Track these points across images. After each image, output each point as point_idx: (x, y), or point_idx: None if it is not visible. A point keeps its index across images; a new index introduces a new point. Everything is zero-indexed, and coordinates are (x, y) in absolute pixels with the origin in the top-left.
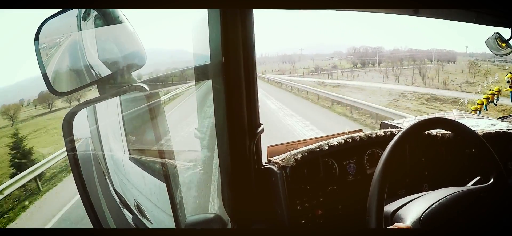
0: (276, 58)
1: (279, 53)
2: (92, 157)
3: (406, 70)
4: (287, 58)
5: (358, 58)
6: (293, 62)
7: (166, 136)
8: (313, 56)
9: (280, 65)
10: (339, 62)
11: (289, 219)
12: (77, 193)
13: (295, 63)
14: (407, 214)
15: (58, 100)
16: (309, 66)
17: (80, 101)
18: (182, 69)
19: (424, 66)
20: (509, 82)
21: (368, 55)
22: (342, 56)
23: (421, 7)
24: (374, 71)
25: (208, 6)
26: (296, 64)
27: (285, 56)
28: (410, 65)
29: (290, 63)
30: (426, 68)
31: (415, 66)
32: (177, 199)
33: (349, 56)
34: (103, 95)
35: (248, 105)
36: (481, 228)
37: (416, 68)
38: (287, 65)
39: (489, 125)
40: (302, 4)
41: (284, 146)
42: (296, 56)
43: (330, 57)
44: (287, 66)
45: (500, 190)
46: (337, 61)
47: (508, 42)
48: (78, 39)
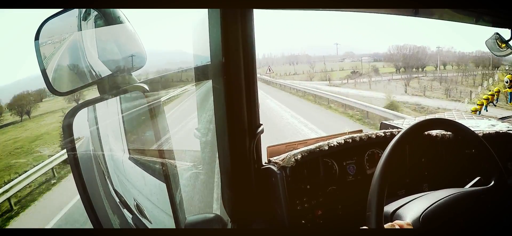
0: (282, 59)
1: (285, 54)
2: (92, 156)
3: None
4: (294, 58)
5: (402, 61)
6: (305, 63)
7: (166, 136)
8: (322, 57)
9: (295, 68)
10: (378, 65)
11: (289, 219)
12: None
13: (314, 65)
14: (407, 213)
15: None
16: (341, 68)
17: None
18: (182, 70)
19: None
20: (507, 83)
21: (414, 57)
22: (355, 57)
23: (421, 7)
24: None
25: (208, 6)
26: (316, 66)
27: (292, 57)
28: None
29: (306, 64)
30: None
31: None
32: (177, 199)
33: (384, 57)
34: (103, 95)
35: (248, 105)
36: (481, 228)
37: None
38: (303, 67)
39: (489, 125)
40: (302, 4)
41: (284, 146)
42: (304, 56)
43: (342, 59)
44: (303, 67)
45: (500, 190)
46: (377, 63)
47: (508, 43)
48: (79, 39)
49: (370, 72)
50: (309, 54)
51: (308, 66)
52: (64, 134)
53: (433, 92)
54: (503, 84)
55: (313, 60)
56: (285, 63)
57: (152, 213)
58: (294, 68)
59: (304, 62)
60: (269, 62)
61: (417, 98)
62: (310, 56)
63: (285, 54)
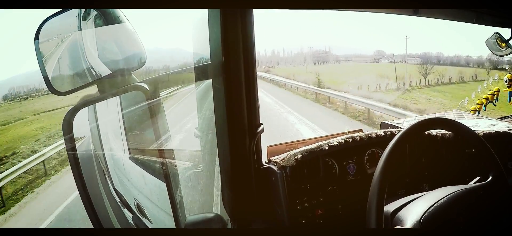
0: (297, 57)
1: (303, 50)
2: (93, 156)
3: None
4: (318, 56)
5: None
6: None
7: (166, 136)
8: (348, 56)
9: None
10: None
11: (289, 219)
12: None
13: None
14: (407, 216)
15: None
16: (381, 75)
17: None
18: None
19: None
20: (507, 82)
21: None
22: (388, 57)
23: (421, 7)
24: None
25: (208, 6)
26: (343, 66)
27: (316, 54)
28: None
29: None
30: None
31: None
32: (177, 198)
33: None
34: (103, 94)
35: (248, 105)
36: (481, 228)
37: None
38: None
39: (489, 125)
40: (302, 4)
41: (284, 146)
42: (327, 54)
43: (376, 59)
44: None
45: (500, 190)
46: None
47: (508, 42)
48: (78, 39)
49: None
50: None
51: (333, 67)
52: (64, 133)
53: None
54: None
55: (339, 60)
56: (300, 62)
57: (152, 213)
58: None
59: (331, 61)
60: (287, 61)
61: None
62: (338, 56)
63: (304, 51)
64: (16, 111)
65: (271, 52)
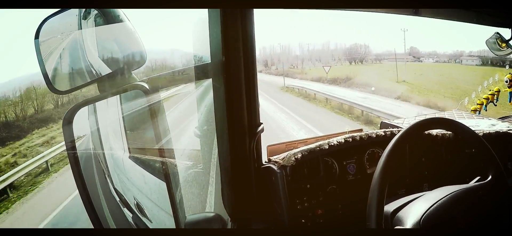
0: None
1: (338, 45)
2: (92, 155)
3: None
4: (353, 54)
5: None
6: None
7: (166, 135)
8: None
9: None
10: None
11: (289, 219)
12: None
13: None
14: (407, 216)
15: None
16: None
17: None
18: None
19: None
20: (507, 83)
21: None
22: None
23: (421, 7)
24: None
25: (208, 6)
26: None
27: (351, 50)
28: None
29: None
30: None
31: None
32: (177, 198)
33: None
34: (103, 94)
35: (248, 104)
36: (481, 228)
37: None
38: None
39: (489, 125)
40: (302, 4)
41: (284, 145)
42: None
43: (418, 58)
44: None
45: (500, 190)
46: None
47: (508, 42)
48: (79, 38)
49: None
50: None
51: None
52: (64, 133)
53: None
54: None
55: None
56: (327, 60)
57: (152, 212)
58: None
59: (369, 60)
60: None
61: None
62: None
63: (331, 47)
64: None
65: (285, 49)
